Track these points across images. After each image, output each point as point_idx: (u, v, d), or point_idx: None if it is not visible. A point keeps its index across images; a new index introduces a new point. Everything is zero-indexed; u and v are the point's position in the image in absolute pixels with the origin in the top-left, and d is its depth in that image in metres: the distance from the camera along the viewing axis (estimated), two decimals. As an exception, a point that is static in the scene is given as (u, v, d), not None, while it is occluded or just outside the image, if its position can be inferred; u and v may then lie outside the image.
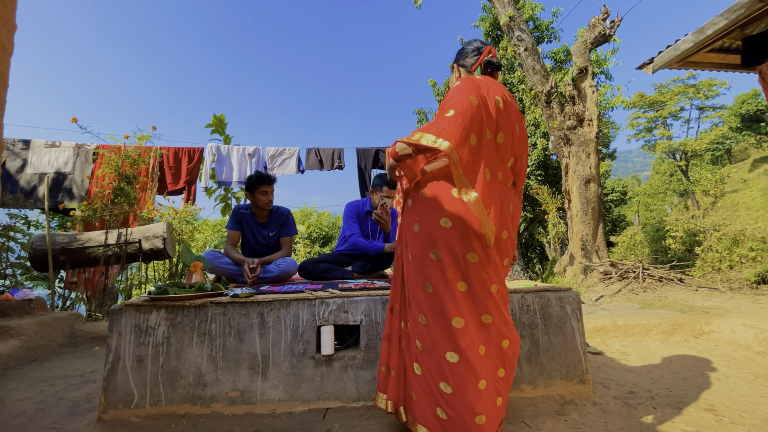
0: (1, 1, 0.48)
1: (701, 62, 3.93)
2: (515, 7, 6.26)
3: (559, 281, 5.67)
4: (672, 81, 23.45)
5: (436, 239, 1.19)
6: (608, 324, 2.68)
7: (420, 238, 1.22)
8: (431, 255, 1.19)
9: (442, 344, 1.15)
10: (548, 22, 12.07)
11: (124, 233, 3.43)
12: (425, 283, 1.20)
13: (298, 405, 1.55)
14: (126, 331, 1.55)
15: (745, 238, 4.85)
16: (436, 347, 1.15)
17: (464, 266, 1.18)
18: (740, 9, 2.96)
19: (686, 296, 3.92)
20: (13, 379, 2.00)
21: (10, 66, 0.51)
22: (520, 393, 1.62)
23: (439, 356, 1.15)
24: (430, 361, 1.16)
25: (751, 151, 28.12)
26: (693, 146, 23.44)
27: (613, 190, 18.15)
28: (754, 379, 1.85)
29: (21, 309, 2.64)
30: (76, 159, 4.93)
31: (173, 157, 5.41)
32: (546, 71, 6.13)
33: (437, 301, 1.17)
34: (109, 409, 1.49)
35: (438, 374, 1.14)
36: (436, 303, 1.17)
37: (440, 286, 1.17)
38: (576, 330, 1.69)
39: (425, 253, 1.20)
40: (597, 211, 5.67)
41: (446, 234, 1.18)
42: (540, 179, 10.43)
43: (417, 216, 1.25)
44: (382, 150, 5.95)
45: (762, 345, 2.31)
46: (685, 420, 1.42)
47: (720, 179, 10.76)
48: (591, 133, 5.71)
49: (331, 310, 1.63)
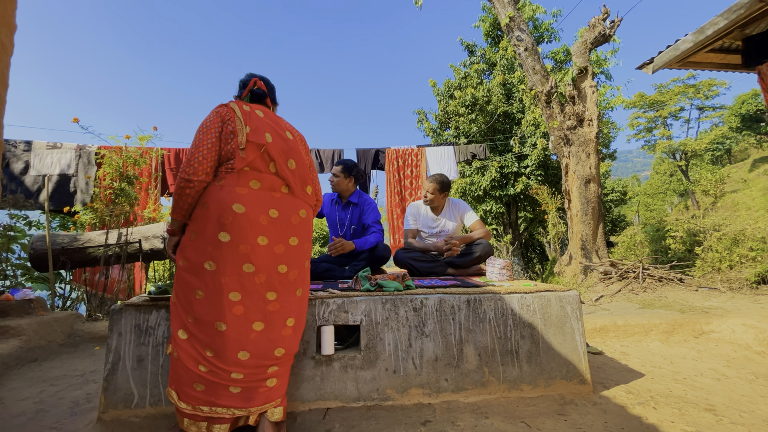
0: (1, 1, 0.48)
1: (701, 62, 3.93)
2: (515, 7, 6.26)
3: (559, 281, 5.67)
4: (672, 81, 23.47)
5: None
6: (608, 324, 2.68)
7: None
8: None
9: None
10: (548, 23, 12.08)
11: (124, 233, 3.43)
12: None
13: (298, 405, 1.55)
14: (126, 331, 1.55)
15: (745, 238, 4.85)
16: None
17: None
18: (740, 9, 2.96)
19: (686, 296, 3.92)
20: (13, 379, 2.00)
21: (10, 66, 0.51)
22: (520, 393, 1.63)
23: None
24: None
25: (751, 151, 28.12)
26: (693, 146, 23.45)
27: (613, 190, 18.15)
28: (754, 379, 1.85)
29: (21, 309, 2.65)
30: (78, 161, 4.93)
31: (174, 158, 5.42)
32: (546, 71, 6.13)
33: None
34: (109, 409, 1.48)
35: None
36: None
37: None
38: (576, 330, 1.69)
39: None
40: (597, 211, 5.67)
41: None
42: (540, 179, 10.43)
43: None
44: (382, 151, 5.96)
45: (762, 345, 2.31)
46: (685, 420, 1.42)
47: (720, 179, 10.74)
48: (591, 133, 5.71)
49: (331, 310, 1.63)
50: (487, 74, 12.44)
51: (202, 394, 1.21)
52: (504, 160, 10.76)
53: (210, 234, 1.25)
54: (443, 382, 1.60)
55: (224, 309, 1.22)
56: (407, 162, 5.92)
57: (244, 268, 1.25)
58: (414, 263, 2.61)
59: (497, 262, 2.14)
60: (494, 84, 11.07)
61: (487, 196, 11.10)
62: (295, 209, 1.38)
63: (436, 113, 12.40)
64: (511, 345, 1.65)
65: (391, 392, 1.58)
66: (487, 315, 1.67)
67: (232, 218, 1.24)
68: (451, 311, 1.66)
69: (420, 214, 2.92)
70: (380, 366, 1.60)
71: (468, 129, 11.10)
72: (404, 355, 1.61)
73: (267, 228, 1.29)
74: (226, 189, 1.28)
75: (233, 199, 1.26)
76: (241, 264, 1.24)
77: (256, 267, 1.26)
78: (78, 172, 4.89)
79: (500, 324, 1.67)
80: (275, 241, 1.30)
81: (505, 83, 11.25)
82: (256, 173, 1.32)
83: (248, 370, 1.24)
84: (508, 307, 1.68)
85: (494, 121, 11.11)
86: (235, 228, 1.24)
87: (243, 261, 1.25)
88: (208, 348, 1.22)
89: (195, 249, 1.26)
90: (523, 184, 10.26)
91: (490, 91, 10.99)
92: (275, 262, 1.30)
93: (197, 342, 1.23)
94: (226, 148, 1.32)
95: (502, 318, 1.67)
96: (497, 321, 1.67)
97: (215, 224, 1.24)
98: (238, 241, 1.24)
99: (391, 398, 1.57)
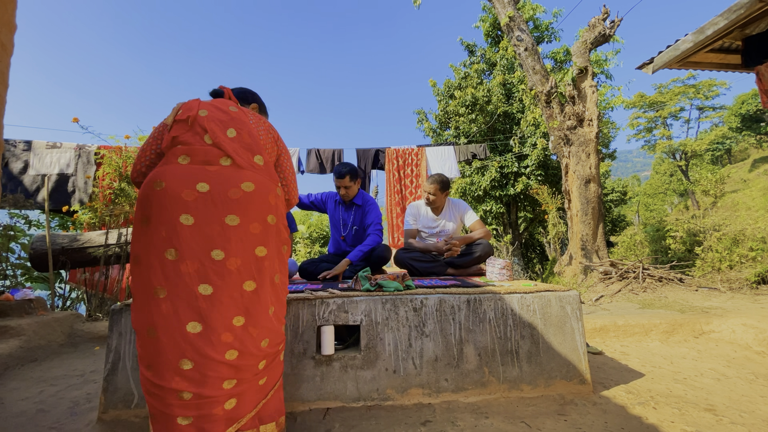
0: (1, 2, 0.48)
1: (701, 62, 3.94)
2: (515, 7, 6.26)
3: (559, 281, 5.67)
4: (672, 81, 23.48)
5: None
6: (608, 324, 2.68)
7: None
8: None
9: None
10: (548, 23, 12.08)
11: (124, 233, 3.43)
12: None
13: (298, 405, 1.55)
14: (126, 331, 1.55)
15: (745, 238, 4.85)
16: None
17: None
18: (740, 9, 2.96)
19: (686, 296, 3.92)
20: (13, 379, 2.00)
21: (10, 66, 0.51)
22: (520, 393, 1.63)
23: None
24: None
25: (751, 151, 28.13)
26: (693, 146, 23.45)
27: (613, 190, 18.16)
28: (754, 379, 1.85)
29: (21, 309, 2.65)
30: (78, 160, 4.93)
31: (173, 158, 5.42)
32: (546, 71, 6.13)
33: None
34: (109, 409, 1.48)
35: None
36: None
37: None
38: (576, 330, 1.69)
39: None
40: (597, 211, 5.68)
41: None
42: (540, 179, 10.43)
43: None
44: (382, 150, 5.96)
45: (762, 345, 2.31)
46: (685, 420, 1.42)
47: (720, 179, 10.74)
48: (591, 133, 5.71)
49: (331, 310, 1.63)
50: (487, 74, 12.44)
51: (157, 427, 1.02)
52: (504, 160, 10.77)
53: (135, 221, 1.09)
54: (443, 382, 1.60)
55: (151, 309, 1.02)
56: (407, 162, 5.92)
57: (167, 255, 1.04)
58: (414, 263, 2.61)
59: (497, 262, 2.14)
60: (494, 84, 11.07)
61: (487, 196, 11.10)
62: (235, 181, 1.12)
63: (436, 113, 12.40)
64: (511, 345, 1.65)
65: (391, 392, 1.58)
66: (487, 315, 1.67)
67: (152, 197, 1.07)
68: (451, 311, 1.66)
69: (420, 215, 2.92)
70: (380, 366, 1.60)
71: (468, 129, 11.10)
72: (404, 355, 1.61)
73: (192, 204, 1.07)
74: (153, 170, 1.14)
75: (156, 176, 1.09)
76: (163, 250, 1.04)
77: (180, 253, 1.04)
78: (77, 171, 4.89)
79: (500, 324, 1.67)
80: (206, 219, 1.07)
81: (505, 83, 11.25)
82: (185, 147, 1.15)
83: (195, 387, 1.01)
84: (508, 307, 1.68)
85: (494, 121, 11.12)
86: (154, 207, 1.06)
87: (165, 246, 1.04)
88: (146, 365, 1.03)
89: (131, 243, 1.11)
90: (523, 184, 10.26)
91: (490, 91, 11.00)
92: (207, 246, 1.06)
93: (139, 358, 1.05)
94: (162, 143, 1.21)
95: (502, 318, 1.67)
96: (497, 321, 1.67)
97: (138, 208, 1.09)
98: (157, 222, 1.05)
99: (391, 398, 1.57)
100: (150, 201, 1.07)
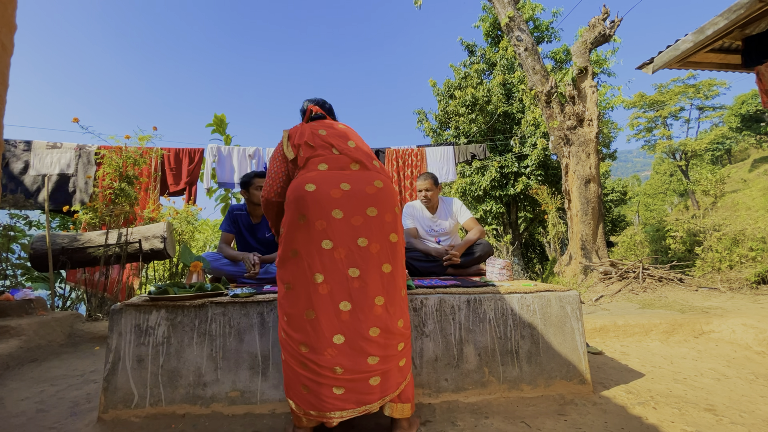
0: (1, 2, 0.48)
1: (701, 62, 3.94)
2: (515, 7, 6.26)
3: (559, 281, 5.67)
4: (672, 81, 23.48)
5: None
6: (608, 324, 2.68)
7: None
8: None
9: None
10: (548, 22, 12.08)
11: (124, 233, 3.43)
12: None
13: (298, 405, 1.55)
14: (126, 331, 1.55)
15: (745, 238, 4.85)
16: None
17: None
18: (740, 9, 2.96)
19: (686, 296, 3.92)
20: (13, 379, 2.00)
21: (10, 66, 0.51)
22: (520, 393, 1.62)
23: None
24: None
25: (751, 151, 28.13)
26: (693, 146, 23.46)
27: (613, 190, 18.15)
28: (754, 379, 1.85)
29: (21, 309, 2.65)
30: (78, 160, 4.93)
31: (174, 158, 5.42)
32: (546, 71, 6.13)
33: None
34: (109, 409, 1.48)
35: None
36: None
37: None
38: (576, 330, 1.69)
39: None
40: (597, 211, 5.68)
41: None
42: (540, 179, 10.43)
43: None
44: (382, 150, 5.95)
45: (762, 345, 2.31)
46: (685, 420, 1.42)
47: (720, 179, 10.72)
48: (591, 133, 5.71)
49: (331, 310, 1.63)
50: (487, 74, 12.44)
51: (308, 396, 1.18)
52: (504, 160, 10.77)
53: (291, 220, 1.27)
54: (443, 382, 1.60)
55: (310, 293, 1.20)
56: (407, 162, 5.91)
57: (323, 245, 1.23)
58: (414, 263, 2.61)
59: (497, 262, 2.14)
60: (494, 84, 11.07)
61: (487, 196, 11.10)
62: (368, 180, 1.33)
63: (436, 113, 12.40)
64: (511, 345, 1.65)
65: (391, 392, 1.58)
66: (487, 315, 1.67)
67: (307, 197, 1.26)
68: (451, 311, 1.66)
69: (416, 215, 2.91)
70: (380, 366, 1.60)
71: (468, 129, 11.10)
72: (404, 355, 1.61)
73: (340, 201, 1.26)
74: (298, 178, 1.34)
75: (305, 181, 1.29)
76: (320, 241, 1.23)
77: (334, 242, 1.23)
78: (77, 171, 4.90)
79: (500, 324, 1.67)
80: (351, 212, 1.26)
81: (505, 83, 11.25)
82: (321, 158, 1.36)
83: (347, 359, 1.18)
84: (508, 307, 1.68)
85: (494, 121, 11.12)
86: (309, 205, 1.25)
87: (321, 237, 1.23)
88: (302, 344, 1.19)
89: (285, 241, 1.29)
90: (523, 184, 10.26)
91: (490, 91, 11.00)
92: (354, 235, 1.25)
93: (292, 340, 1.21)
94: (290, 165, 1.45)
95: (502, 318, 1.67)
96: (497, 321, 1.67)
97: (293, 209, 1.27)
98: (313, 218, 1.24)
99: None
100: (305, 201, 1.26)
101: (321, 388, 1.17)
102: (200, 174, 5.50)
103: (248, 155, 5.54)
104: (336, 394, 1.17)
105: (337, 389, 1.17)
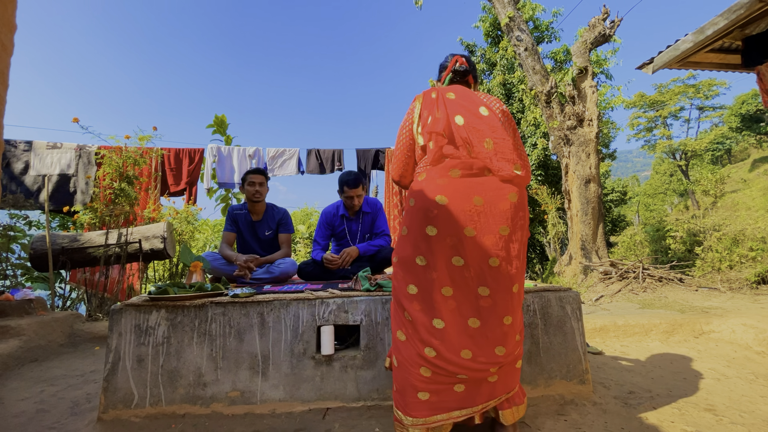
0: (1, 2, 0.48)
1: (701, 62, 3.93)
2: (515, 7, 6.26)
3: (559, 281, 5.67)
4: (672, 81, 23.45)
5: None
6: (608, 324, 2.68)
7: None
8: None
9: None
10: (548, 23, 12.07)
11: (124, 233, 3.43)
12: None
13: (298, 405, 1.55)
14: (126, 331, 1.55)
15: (745, 238, 4.85)
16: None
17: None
18: (740, 9, 2.96)
19: (686, 296, 3.92)
20: (13, 379, 2.00)
21: (10, 66, 0.51)
22: (520, 393, 1.62)
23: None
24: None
25: (751, 151, 28.11)
26: (693, 146, 23.44)
27: (613, 190, 18.14)
28: (754, 379, 1.85)
29: (21, 309, 2.65)
30: (78, 161, 4.93)
31: (174, 158, 5.42)
32: (546, 71, 6.13)
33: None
34: (109, 409, 1.49)
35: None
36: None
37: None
38: (576, 330, 1.69)
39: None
40: (597, 211, 5.68)
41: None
42: (540, 179, 10.43)
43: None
44: (382, 151, 5.95)
45: (762, 345, 2.31)
46: (685, 420, 1.42)
47: (720, 179, 10.75)
48: (591, 133, 5.71)
49: (331, 310, 1.63)
50: (487, 74, 12.43)
51: (427, 402, 1.17)
52: (504, 160, 10.75)
53: (418, 228, 1.24)
54: (443, 382, 1.60)
55: (439, 305, 1.19)
56: (407, 162, 5.91)
57: (453, 261, 1.20)
58: None
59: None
60: (494, 84, 11.07)
61: (487, 196, 11.09)
62: (502, 194, 1.24)
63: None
64: (511, 345, 1.65)
65: (391, 392, 1.58)
66: (487, 315, 1.67)
67: (437, 211, 1.21)
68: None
69: None
70: (380, 366, 1.60)
71: (468, 129, 11.08)
72: (404, 355, 1.61)
73: (473, 218, 1.21)
74: (427, 181, 1.28)
75: (435, 191, 1.24)
76: (450, 257, 1.20)
77: (465, 260, 1.20)
78: (78, 172, 4.90)
79: (500, 324, 1.67)
80: (483, 231, 1.21)
81: (505, 83, 11.24)
82: (454, 161, 1.27)
83: (472, 372, 1.18)
84: (508, 307, 1.68)
85: (494, 121, 11.10)
86: (440, 220, 1.21)
87: (451, 254, 1.20)
88: (428, 346, 1.18)
89: (407, 244, 1.27)
90: (523, 183, 10.25)
91: (490, 91, 11.00)
92: (485, 254, 1.21)
93: (417, 341, 1.19)
94: (418, 146, 1.36)
95: (502, 318, 1.67)
96: (497, 321, 1.67)
97: (422, 218, 1.23)
98: (444, 233, 1.20)
99: (392, 398, 1.57)
100: (436, 216, 1.22)
101: (442, 391, 1.19)
102: (200, 174, 5.50)
103: (248, 155, 5.54)
104: (456, 392, 1.20)
105: (458, 387, 1.20)
